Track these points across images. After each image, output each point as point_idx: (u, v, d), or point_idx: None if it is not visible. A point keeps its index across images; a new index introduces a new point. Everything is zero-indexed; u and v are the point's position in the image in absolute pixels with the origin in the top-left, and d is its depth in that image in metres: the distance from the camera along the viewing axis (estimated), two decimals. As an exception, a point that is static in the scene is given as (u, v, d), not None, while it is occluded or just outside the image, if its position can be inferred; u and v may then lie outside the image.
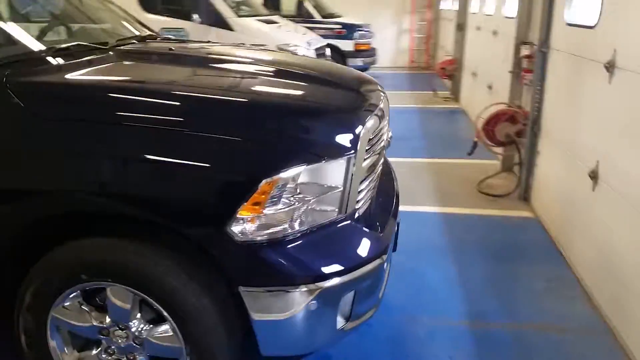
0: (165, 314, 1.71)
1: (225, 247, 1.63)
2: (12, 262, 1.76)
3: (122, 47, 2.31)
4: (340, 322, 1.84)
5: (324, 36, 9.72)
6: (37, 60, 1.97)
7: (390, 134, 2.47)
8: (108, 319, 1.79)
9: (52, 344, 1.83)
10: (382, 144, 2.27)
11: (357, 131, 1.84)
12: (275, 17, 6.94)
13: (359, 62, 10.12)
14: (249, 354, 1.83)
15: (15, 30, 2.03)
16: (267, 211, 1.63)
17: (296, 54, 2.91)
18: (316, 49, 6.50)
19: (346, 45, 9.91)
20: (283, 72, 2.27)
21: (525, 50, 4.31)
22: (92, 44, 2.16)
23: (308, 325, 1.75)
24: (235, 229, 1.61)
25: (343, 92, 2.22)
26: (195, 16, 5.69)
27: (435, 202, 4.23)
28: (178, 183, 1.62)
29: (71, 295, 1.76)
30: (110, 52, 2.20)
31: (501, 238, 3.62)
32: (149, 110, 1.70)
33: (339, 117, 1.92)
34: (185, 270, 1.68)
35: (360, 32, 10.05)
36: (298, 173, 1.67)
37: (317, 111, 1.94)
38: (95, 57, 2.11)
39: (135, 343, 1.80)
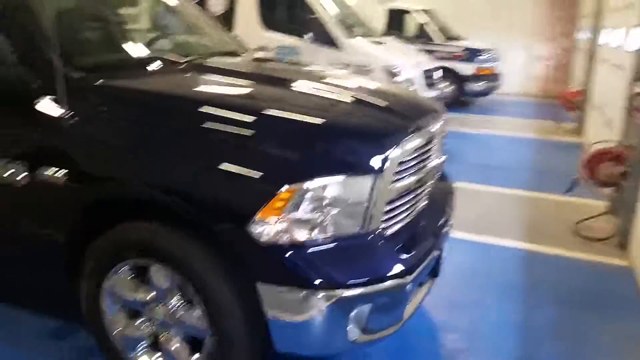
0: (194, 296, 1.91)
1: (247, 244, 1.78)
2: (82, 234, 2.08)
3: (196, 61, 2.60)
4: (353, 332, 1.91)
5: (444, 59, 9.66)
6: (123, 67, 2.32)
7: (442, 158, 2.47)
8: (151, 294, 2.04)
9: (105, 310, 2.12)
10: (429, 166, 2.29)
11: (386, 151, 1.91)
12: (386, 39, 7.06)
13: (478, 86, 9.87)
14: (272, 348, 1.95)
15: (113, 39, 2.42)
16: (287, 216, 1.77)
17: (362, 78, 3.00)
18: (424, 71, 6.50)
19: (466, 69, 9.71)
20: (333, 94, 2.38)
21: (638, 88, 3.96)
22: (172, 57, 2.48)
23: (318, 329, 1.84)
24: (257, 229, 1.76)
25: (385, 114, 2.29)
26: (307, 35, 6.03)
27: (522, 238, 4.03)
28: (213, 182, 1.82)
29: (123, 269, 2.03)
30: (185, 65, 2.50)
31: (583, 284, 3.36)
32: (199, 119, 1.95)
33: (368, 137, 2.01)
34: (214, 261, 1.87)
35: (482, 56, 9.79)
36: (321, 185, 1.79)
37: (348, 129, 2.05)
38: (173, 68, 2.42)
39: (170, 320, 2.03)
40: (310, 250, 1.82)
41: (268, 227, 1.76)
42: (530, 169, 6.11)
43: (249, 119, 1.96)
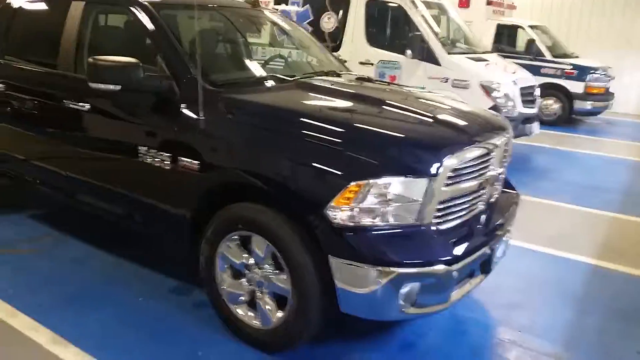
0: (282, 262, 2.48)
1: (323, 225, 2.32)
2: (207, 209, 2.74)
3: (301, 80, 3.21)
4: (404, 305, 2.36)
5: (553, 76, 9.59)
6: (244, 84, 2.99)
7: (500, 170, 2.83)
8: (251, 260, 2.65)
9: (218, 268, 2.76)
10: (487, 175, 2.67)
11: (440, 159, 2.36)
12: (489, 55, 7.25)
13: (587, 105, 9.66)
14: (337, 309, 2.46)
15: (235, 59, 3.10)
16: (355, 205, 2.28)
17: (443, 96, 3.41)
18: (522, 88, 6.62)
19: (575, 86, 9.54)
20: (410, 110, 2.84)
21: None
22: (281, 75, 3.14)
23: (375, 298, 2.32)
24: (331, 213, 2.29)
25: (447, 128, 2.73)
26: (408, 51, 6.45)
27: (594, 255, 4.16)
28: (301, 174, 2.39)
29: (233, 238, 2.66)
30: (293, 83, 3.14)
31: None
32: (296, 126, 2.53)
33: (426, 146, 2.46)
34: (299, 236, 2.42)
35: (593, 74, 9.54)
36: (384, 183, 2.28)
37: (410, 139, 2.51)
38: (281, 85, 3.08)
39: (265, 280, 2.62)
40: (372, 233, 2.32)
41: (340, 212, 2.29)
42: (624, 191, 6.05)
43: (334, 128, 2.49)
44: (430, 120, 2.77)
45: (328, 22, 7.23)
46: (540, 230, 4.60)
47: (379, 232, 2.32)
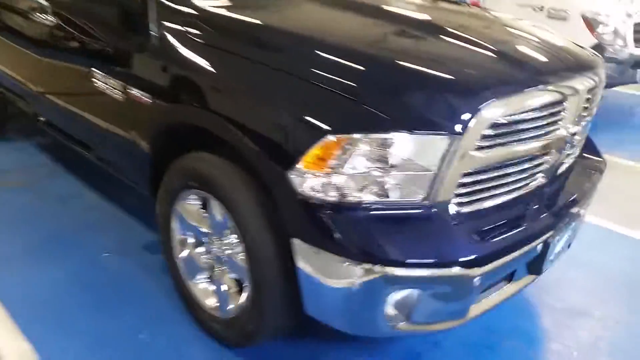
0: (239, 234, 1.80)
1: (286, 194, 1.60)
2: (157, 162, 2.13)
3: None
4: (393, 318, 1.63)
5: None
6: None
7: (576, 128, 1.90)
8: (210, 227, 2.00)
9: (175, 229, 2.14)
10: (554, 135, 1.79)
11: (472, 108, 1.52)
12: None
13: None
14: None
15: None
16: (332, 170, 1.52)
17: (522, 23, 2.38)
18: (636, 24, 5.24)
19: None
20: (462, 38, 1.93)
21: None
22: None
23: (352, 304, 1.61)
24: (296, 178, 1.55)
25: (503, 64, 1.83)
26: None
27: None
28: (268, 117, 1.66)
29: (190, 197, 2.01)
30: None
31: None
32: (274, 50, 1.81)
33: (454, 89, 1.61)
34: (259, 203, 1.73)
35: None
36: (377, 139, 1.49)
37: (433, 80, 1.65)
38: None
39: (223, 255, 1.97)
40: (355, 214, 1.56)
41: (310, 178, 1.54)
42: None
43: (329, 57, 1.69)
44: (494, 55, 1.86)
45: None
46: (630, 205, 3.55)
47: (367, 211, 1.56)
